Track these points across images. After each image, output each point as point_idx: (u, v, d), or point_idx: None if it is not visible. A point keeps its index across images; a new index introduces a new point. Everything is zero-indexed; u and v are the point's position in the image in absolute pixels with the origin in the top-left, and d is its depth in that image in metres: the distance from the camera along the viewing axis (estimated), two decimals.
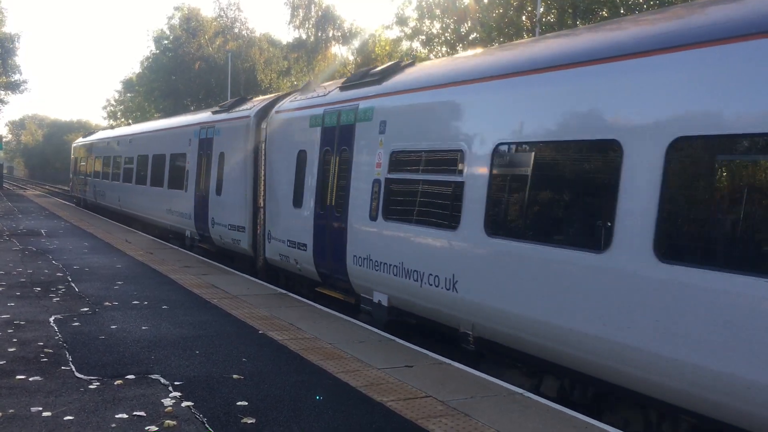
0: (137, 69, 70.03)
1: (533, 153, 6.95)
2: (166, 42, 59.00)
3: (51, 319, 8.55)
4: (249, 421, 5.28)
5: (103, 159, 28.12)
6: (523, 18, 30.84)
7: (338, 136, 10.62)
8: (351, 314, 9.72)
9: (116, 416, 5.28)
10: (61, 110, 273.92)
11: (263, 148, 13.41)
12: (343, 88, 11.19)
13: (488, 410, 5.75)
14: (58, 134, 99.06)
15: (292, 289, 11.35)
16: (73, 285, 11.03)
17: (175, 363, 6.81)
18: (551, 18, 28.69)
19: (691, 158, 5.55)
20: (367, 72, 11.07)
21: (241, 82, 52.07)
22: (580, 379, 6.52)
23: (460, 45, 35.42)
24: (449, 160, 8.09)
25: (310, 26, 45.41)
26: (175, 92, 55.45)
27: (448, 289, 7.80)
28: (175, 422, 5.20)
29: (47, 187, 65.29)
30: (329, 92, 11.66)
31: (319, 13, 45.26)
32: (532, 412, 5.76)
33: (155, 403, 5.61)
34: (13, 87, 48.89)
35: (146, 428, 5.06)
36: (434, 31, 36.67)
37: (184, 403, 5.64)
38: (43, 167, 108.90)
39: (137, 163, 22.69)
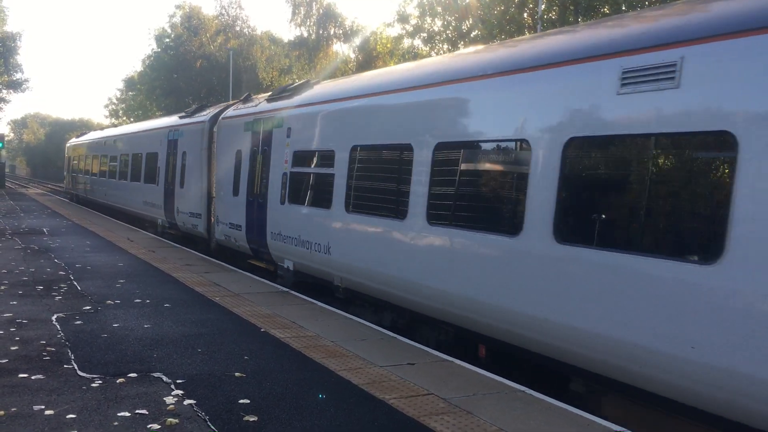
0: (139, 67, 70.16)
1: (374, 152, 9.68)
2: (167, 40, 58.99)
3: (53, 318, 8.56)
4: (251, 419, 5.28)
5: (92, 157, 30.59)
6: (525, 15, 30.78)
7: (262, 139, 13.17)
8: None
9: (118, 414, 5.28)
10: (63, 109, 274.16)
11: (214, 148, 15.92)
12: (268, 100, 13.68)
13: (490, 408, 5.75)
14: (60, 133, 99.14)
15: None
16: (75, 283, 11.04)
17: (177, 361, 6.81)
18: (552, 15, 28.63)
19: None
20: (285, 88, 13.64)
21: (242, 80, 52.04)
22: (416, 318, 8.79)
23: (462, 42, 35.38)
24: (327, 157, 10.66)
25: (312, 24, 45.31)
26: (176, 90, 55.45)
27: (325, 254, 10.45)
28: (177, 420, 5.20)
29: (49, 185, 65.39)
30: (259, 104, 14.17)
31: (321, 10, 45.19)
32: (535, 410, 5.76)
33: (157, 401, 5.62)
34: (15, 86, 48.94)
35: (148, 426, 5.06)
36: (435, 28, 36.64)
37: (186, 401, 5.64)
38: (45, 166, 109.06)
39: (120, 162, 25.15)
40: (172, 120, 20.62)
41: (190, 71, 54.44)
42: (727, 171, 5.18)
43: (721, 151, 5.34)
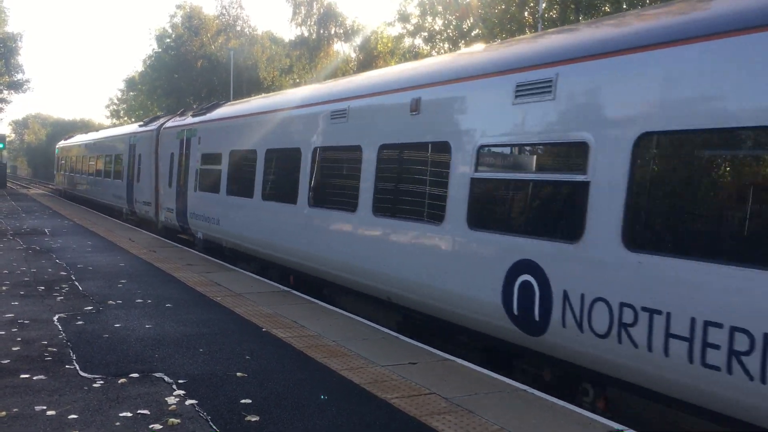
0: (140, 67, 70.24)
1: (240, 155, 13.97)
2: (168, 40, 59.05)
3: (55, 318, 8.56)
4: (253, 419, 5.28)
5: (75, 158, 35.53)
6: (526, 14, 30.77)
7: (185, 144, 17.47)
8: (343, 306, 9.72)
9: (120, 415, 5.29)
10: (64, 109, 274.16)
11: (158, 151, 20.18)
12: (192, 116, 18.00)
13: (492, 407, 5.75)
14: (62, 133, 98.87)
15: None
16: (76, 284, 11.05)
17: (179, 361, 6.81)
18: (553, 14, 28.61)
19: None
20: (202, 107, 18.39)
21: (243, 79, 52.08)
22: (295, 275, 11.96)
23: (463, 41, 35.39)
24: (217, 157, 15.04)
25: (312, 24, 45.37)
26: (177, 90, 55.50)
27: (218, 225, 14.79)
28: (179, 420, 5.20)
29: (51, 186, 65.35)
30: (185, 118, 18.45)
31: (321, 10, 45.23)
32: (536, 408, 5.76)
33: (159, 402, 5.62)
34: (16, 86, 48.98)
35: (150, 426, 5.07)
36: (436, 27, 36.69)
37: (188, 401, 5.64)
38: (46, 166, 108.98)
39: (95, 161, 30.16)
40: (133, 128, 25.20)
41: (191, 71, 54.48)
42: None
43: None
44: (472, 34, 34.73)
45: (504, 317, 6.84)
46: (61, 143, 41.82)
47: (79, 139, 36.33)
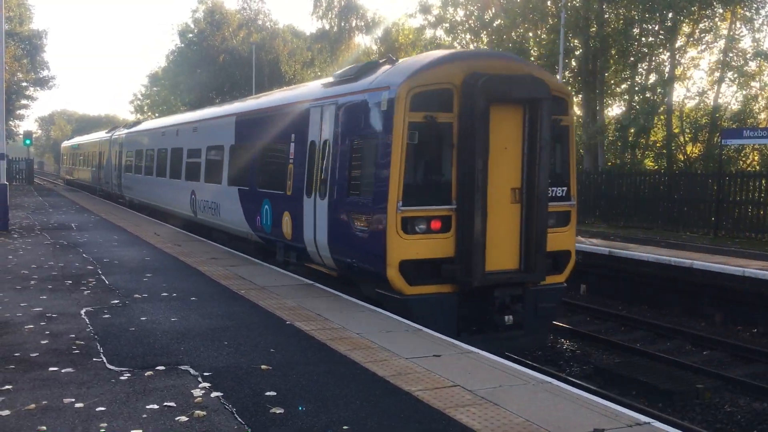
0: (163, 63, 70.70)
1: (139, 153, 25.69)
2: (190, 35, 59.38)
3: (82, 312, 8.67)
4: (277, 411, 5.31)
5: (72, 154, 48.49)
6: (548, 3, 30.44)
7: (121, 146, 28.84)
8: (375, 305, 9.72)
9: (147, 407, 5.34)
10: (89, 105, 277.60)
11: (110, 150, 31.74)
12: (126, 128, 29.92)
13: (517, 399, 5.72)
14: (87, 129, 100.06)
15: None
16: (103, 278, 11.18)
17: (204, 354, 6.87)
18: (576, 2, 28.27)
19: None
20: (128, 124, 32.16)
21: (265, 73, 52.23)
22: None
23: (484, 32, 35.13)
24: (129, 153, 27.45)
25: (333, 16, 45.28)
26: (200, 85, 55.80)
27: (129, 190, 27.06)
28: (204, 413, 5.25)
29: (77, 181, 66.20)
30: (122, 130, 30.27)
31: (342, 2, 45.13)
32: (561, 400, 5.72)
33: (185, 394, 5.67)
34: (42, 83, 49.58)
35: (176, 418, 5.11)
36: (458, 18, 36.38)
37: (214, 394, 5.69)
38: None
39: (85, 156, 41.75)
40: (103, 133, 36.86)
41: (213, 66, 54.73)
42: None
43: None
44: (494, 24, 34.44)
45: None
46: (64, 144, 56.38)
47: (74, 141, 52.40)
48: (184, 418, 5.11)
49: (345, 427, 5.04)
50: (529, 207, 9.51)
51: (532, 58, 33.80)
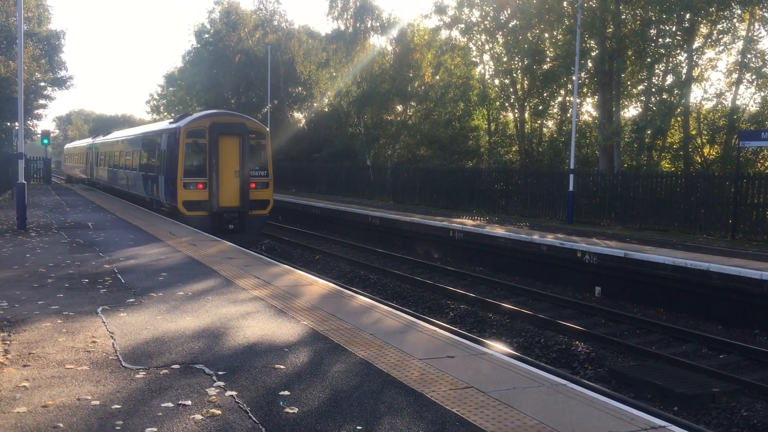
0: (179, 63, 71.07)
1: (105, 151, 38.89)
2: (206, 36, 59.60)
3: (98, 310, 8.74)
4: (291, 411, 5.33)
5: (70, 155, 61.22)
6: (564, 4, 30.30)
7: (96, 150, 42.14)
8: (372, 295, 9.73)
9: (162, 405, 5.38)
10: (106, 105, 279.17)
11: (86, 152, 47.24)
12: (93, 137, 47.37)
13: (531, 401, 5.70)
14: (104, 129, 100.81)
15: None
16: (119, 276, 11.26)
17: (219, 353, 6.90)
18: (593, 3, 28.11)
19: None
20: (99, 134, 47.32)
21: (280, 74, 52.35)
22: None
23: (500, 33, 35.04)
24: (96, 153, 42.14)
25: (349, 17, 45.27)
26: (216, 86, 56.03)
27: (100, 178, 40.34)
28: (219, 411, 5.27)
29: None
30: (98, 137, 44.67)
31: (357, 3, 45.10)
32: (576, 403, 5.70)
33: (200, 393, 5.70)
34: (60, 83, 49.90)
35: (191, 417, 5.14)
36: (473, 19, 36.32)
37: (228, 393, 5.71)
38: None
39: (76, 157, 54.61)
40: (88, 141, 49.48)
41: (229, 66, 54.93)
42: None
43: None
44: (510, 25, 34.34)
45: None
46: (65, 146, 71.32)
47: (70, 145, 66.70)
48: (199, 417, 5.14)
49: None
50: (242, 179, 21.55)
51: (548, 59, 33.74)
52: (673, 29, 27.84)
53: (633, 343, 12.19)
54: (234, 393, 5.72)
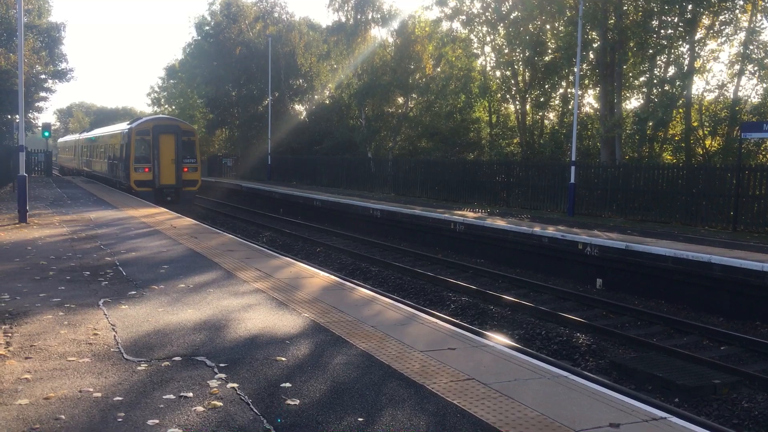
0: (180, 56, 70.96)
1: (88, 147, 48.79)
2: (207, 28, 59.47)
3: (100, 302, 8.75)
4: (293, 403, 5.34)
5: (63, 148, 66.51)
6: None
7: (83, 143, 51.01)
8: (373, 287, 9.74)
9: (164, 397, 5.39)
10: (106, 98, 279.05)
11: (74, 146, 56.49)
12: (80, 134, 58.44)
13: (532, 393, 5.71)
14: (105, 121, 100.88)
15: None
16: (120, 269, 11.27)
17: (220, 345, 6.91)
18: None
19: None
20: (84, 130, 62.22)
21: (281, 66, 52.23)
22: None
23: (501, 24, 34.93)
24: (81, 146, 51.80)
25: (349, 9, 45.07)
26: (216, 78, 55.92)
27: (88, 167, 47.99)
28: (221, 403, 5.28)
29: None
30: (83, 133, 55.02)
31: None
32: (577, 395, 5.70)
33: (201, 385, 5.71)
34: (60, 76, 49.79)
35: (193, 409, 5.15)
36: (474, 10, 36.19)
37: (229, 385, 5.73)
38: None
39: (69, 148, 59.68)
40: (76, 136, 56.91)
41: (230, 58, 54.81)
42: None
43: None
44: (511, 17, 34.23)
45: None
46: (59, 140, 77.67)
47: (62, 139, 74.34)
48: (200, 408, 5.15)
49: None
50: (177, 165, 31.01)
51: (550, 51, 33.64)
52: (675, 20, 27.74)
53: (634, 335, 12.20)
54: (235, 385, 5.73)
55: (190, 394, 5.46)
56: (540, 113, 36.68)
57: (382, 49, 45.15)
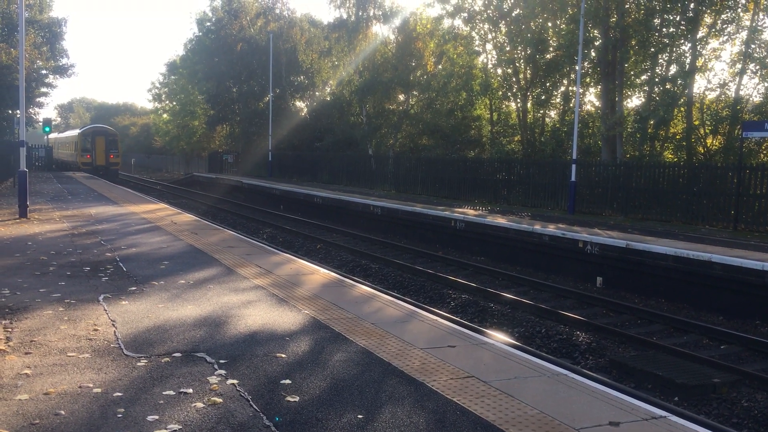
0: (181, 51, 70.97)
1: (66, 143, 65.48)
2: (208, 24, 59.47)
3: (100, 298, 8.75)
4: (292, 400, 5.34)
5: (54, 144, 68.52)
6: None
7: (60, 140, 69.23)
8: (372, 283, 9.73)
9: (164, 393, 5.39)
10: (108, 93, 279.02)
11: (59, 142, 69.70)
12: (58, 134, 77.78)
13: (532, 391, 5.71)
14: (106, 117, 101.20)
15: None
16: (121, 265, 11.27)
17: (220, 341, 6.91)
18: None
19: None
20: (63, 129, 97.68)
21: (282, 63, 52.20)
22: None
23: (503, 22, 34.89)
24: (72, 143, 60.08)
25: (351, 6, 45.00)
26: (217, 74, 55.91)
27: (59, 156, 63.41)
28: (221, 400, 5.28)
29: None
30: (75, 131, 63.91)
31: None
32: (576, 393, 5.70)
33: (201, 381, 5.71)
34: (61, 71, 49.86)
35: (193, 405, 5.15)
36: (476, 8, 36.14)
37: (229, 381, 5.72)
38: None
39: (60, 144, 66.74)
40: (75, 131, 61.67)
41: (231, 55, 54.80)
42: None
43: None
44: (513, 14, 34.19)
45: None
46: (50, 136, 79.89)
47: (53, 135, 74.75)
48: (200, 405, 5.15)
49: None
50: (106, 154, 53.12)
51: (551, 49, 33.59)
52: (677, 19, 27.68)
53: (634, 334, 12.20)
54: (235, 381, 5.73)
55: (190, 390, 5.46)
56: (541, 111, 36.64)
57: (384, 46, 45.10)
